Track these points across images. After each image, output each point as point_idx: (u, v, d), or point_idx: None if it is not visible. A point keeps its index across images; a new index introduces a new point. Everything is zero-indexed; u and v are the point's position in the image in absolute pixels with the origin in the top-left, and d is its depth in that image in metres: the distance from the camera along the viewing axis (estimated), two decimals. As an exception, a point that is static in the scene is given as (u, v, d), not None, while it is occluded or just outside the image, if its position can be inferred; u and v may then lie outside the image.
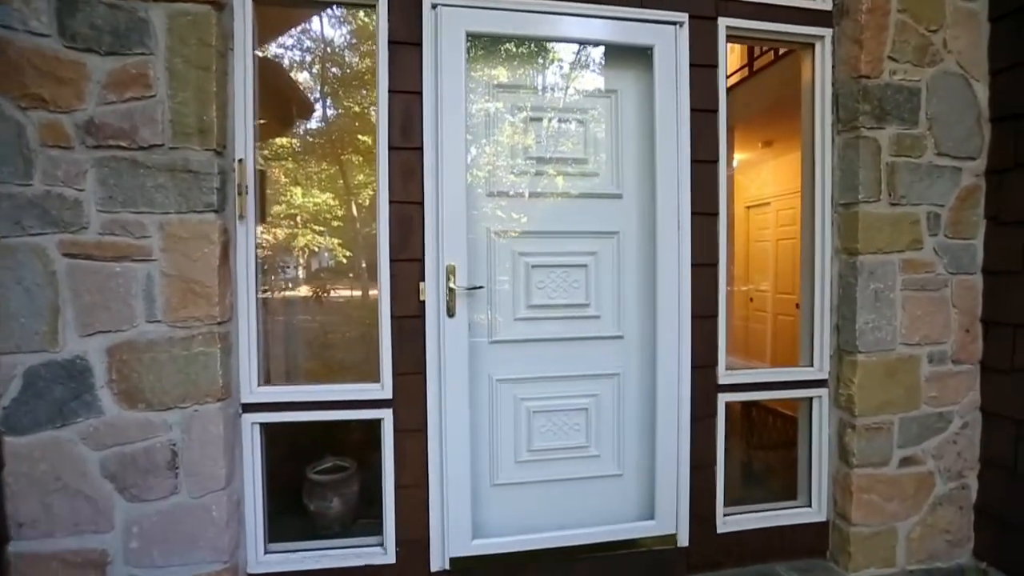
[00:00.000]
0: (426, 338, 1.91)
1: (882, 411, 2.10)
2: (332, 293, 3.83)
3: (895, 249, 2.09)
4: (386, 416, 1.91)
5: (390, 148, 1.88)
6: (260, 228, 1.86)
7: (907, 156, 2.08)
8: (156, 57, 1.64)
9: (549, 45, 2.10)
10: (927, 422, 2.15)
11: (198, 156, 1.66)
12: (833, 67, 2.15)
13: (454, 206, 1.89)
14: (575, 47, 2.10)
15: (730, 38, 2.11)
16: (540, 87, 2.10)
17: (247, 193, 1.81)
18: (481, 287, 1.96)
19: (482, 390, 2.02)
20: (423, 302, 1.90)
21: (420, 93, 1.89)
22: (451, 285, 1.88)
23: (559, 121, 2.09)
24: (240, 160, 1.80)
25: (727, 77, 2.15)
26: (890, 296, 2.09)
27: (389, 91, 1.88)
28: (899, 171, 2.08)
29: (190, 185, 1.66)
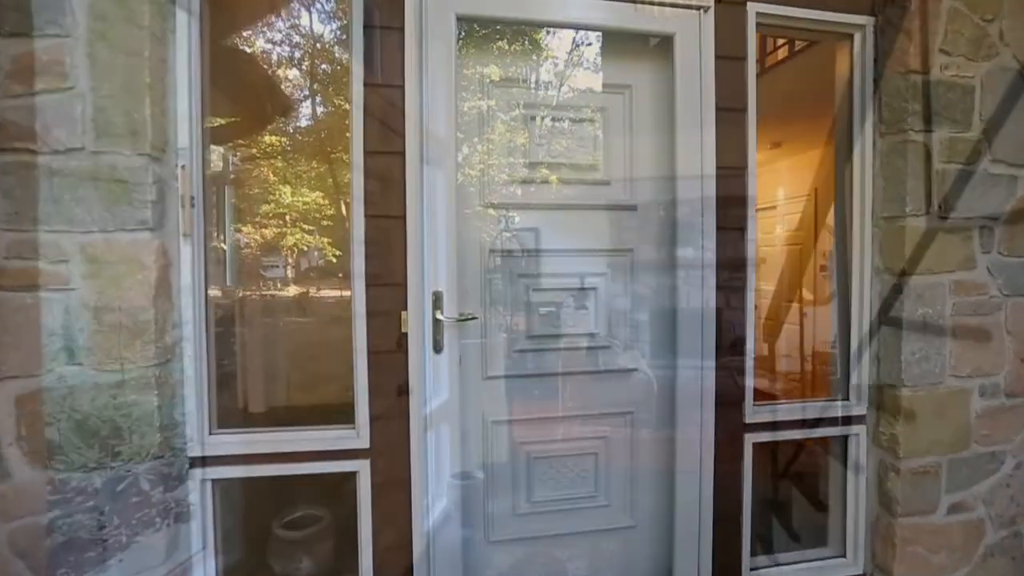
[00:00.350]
0: (409, 376, 1.62)
1: (929, 452, 1.85)
2: (320, 294, 3.58)
3: (945, 269, 1.84)
4: (362, 468, 1.62)
5: (366, 152, 1.59)
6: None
7: (959, 163, 1.83)
8: (74, 40, 1.33)
9: (551, 33, 1.81)
10: (977, 464, 1.91)
11: (128, 162, 1.36)
12: (875, 61, 1.89)
13: (442, 221, 1.60)
14: (582, 35, 1.82)
15: (760, 27, 1.84)
16: (541, 83, 1.82)
17: (193, 205, 1.51)
18: (475, 318, 1.68)
19: (475, 434, 1.74)
20: (405, 334, 1.61)
21: (402, 87, 1.60)
22: (438, 315, 1.59)
23: (554, 120, 1.80)
24: (183, 166, 1.50)
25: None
26: (939, 322, 1.84)
27: (364, 85, 1.58)
28: (950, 180, 1.82)
29: (118, 197, 1.36)
